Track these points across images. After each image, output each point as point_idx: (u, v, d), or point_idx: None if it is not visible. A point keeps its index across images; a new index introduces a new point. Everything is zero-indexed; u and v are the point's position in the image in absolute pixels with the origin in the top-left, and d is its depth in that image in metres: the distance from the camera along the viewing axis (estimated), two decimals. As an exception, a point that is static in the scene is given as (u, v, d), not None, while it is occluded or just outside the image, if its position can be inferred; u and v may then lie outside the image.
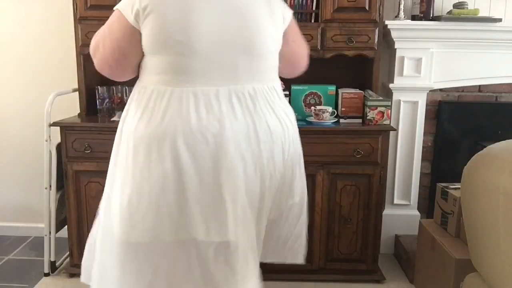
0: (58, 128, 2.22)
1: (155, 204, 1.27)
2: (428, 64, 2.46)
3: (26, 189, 2.81)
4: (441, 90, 2.56)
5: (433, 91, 2.54)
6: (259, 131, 1.30)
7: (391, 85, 2.50)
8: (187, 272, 1.31)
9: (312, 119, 2.24)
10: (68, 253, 2.40)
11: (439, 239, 2.02)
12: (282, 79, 1.49)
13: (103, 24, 2.31)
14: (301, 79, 1.73)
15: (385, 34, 2.41)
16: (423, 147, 2.59)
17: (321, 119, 2.22)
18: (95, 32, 2.40)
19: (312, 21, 2.30)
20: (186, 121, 1.24)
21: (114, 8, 1.35)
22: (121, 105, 2.46)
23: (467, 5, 2.41)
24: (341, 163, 2.15)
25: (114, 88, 2.46)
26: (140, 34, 1.29)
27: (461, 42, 2.45)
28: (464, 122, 2.60)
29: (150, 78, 1.33)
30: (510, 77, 2.52)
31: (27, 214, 2.84)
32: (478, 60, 2.48)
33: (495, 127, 2.57)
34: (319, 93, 2.33)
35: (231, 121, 1.26)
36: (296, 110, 1.89)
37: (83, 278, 1.49)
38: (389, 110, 2.22)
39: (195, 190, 1.26)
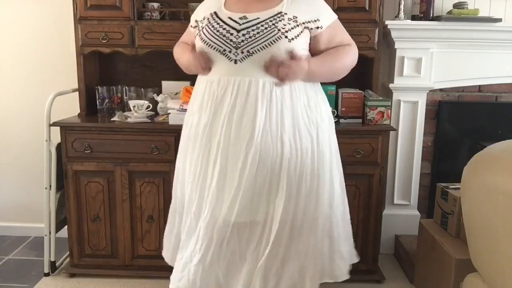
0: (58, 128, 2.22)
1: None
2: (428, 64, 2.46)
3: (26, 189, 2.81)
4: (441, 90, 2.56)
5: (433, 91, 2.54)
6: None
7: (391, 85, 2.50)
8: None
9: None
10: (68, 253, 2.40)
11: (439, 239, 2.02)
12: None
13: (103, 24, 2.33)
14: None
15: (385, 34, 2.41)
16: (423, 147, 2.59)
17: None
18: (95, 32, 2.41)
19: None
20: None
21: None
22: (121, 105, 2.46)
23: (467, 5, 2.41)
24: (341, 163, 2.14)
25: (114, 88, 2.46)
26: None
27: (461, 42, 2.45)
28: (464, 122, 2.59)
29: None
30: (510, 77, 2.51)
31: (27, 214, 2.84)
32: (478, 60, 2.48)
33: (495, 127, 2.57)
34: (319, 93, 2.33)
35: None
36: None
37: None
38: (389, 110, 2.22)
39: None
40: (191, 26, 1.74)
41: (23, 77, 2.70)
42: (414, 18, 2.45)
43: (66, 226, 2.36)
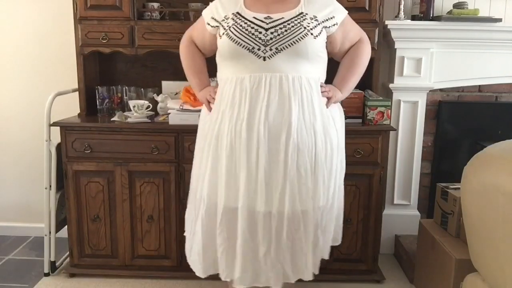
0: (58, 128, 2.22)
1: None
2: (428, 64, 2.46)
3: (26, 189, 2.81)
4: (441, 90, 2.56)
5: (433, 91, 2.54)
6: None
7: (391, 85, 2.50)
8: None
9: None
10: (68, 253, 2.40)
11: (439, 239, 2.02)
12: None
13: (103, 24, 2.33)
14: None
15: (385, 34, 2.41)
16: (423, 147, 2.59)
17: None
18: (95, 32, 2.42)
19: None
20: None
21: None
22: (121, 105, 2.47)
23: (467, 5, 2.41)
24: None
25: (114, 88, 2.46)
26: None
27: (461, 42, 2.45)
28: (464, 122, 2.60)
29: None
30: (510, 77, 2.51)
31: (27, 214, 2.84)
32: (478, 60, 2.48)
33: (495, 127, 2.57)
34: (319, 93, 2.33)
35: None
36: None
37: None
38: (389, 110, 2.22)
39: None
40: (209, 24, 1.70)
41: (23, 77, 2.70)
42: (414, 18, 2.45)
43: (66, 226, 2.36)
